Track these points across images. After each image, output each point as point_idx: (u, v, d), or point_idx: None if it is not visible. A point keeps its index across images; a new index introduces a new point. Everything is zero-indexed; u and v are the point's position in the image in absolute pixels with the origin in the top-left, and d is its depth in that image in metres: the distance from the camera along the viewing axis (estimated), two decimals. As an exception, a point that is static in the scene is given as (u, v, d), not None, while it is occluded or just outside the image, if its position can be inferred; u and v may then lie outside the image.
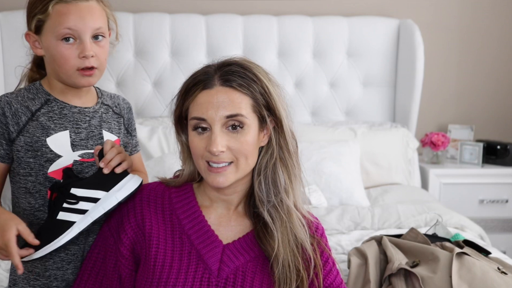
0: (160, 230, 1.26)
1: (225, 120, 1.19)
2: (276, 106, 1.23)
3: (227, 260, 1.25)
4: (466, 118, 3.37)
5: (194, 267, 1.23)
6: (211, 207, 1.30)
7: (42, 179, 1.31)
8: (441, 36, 3.29)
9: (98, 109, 1.39)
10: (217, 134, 1.18)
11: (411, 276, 1.51)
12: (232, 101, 1.19)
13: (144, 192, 1.30)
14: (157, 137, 2.73)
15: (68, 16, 1.28)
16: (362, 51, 3.06)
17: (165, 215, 1.27)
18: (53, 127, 1.32)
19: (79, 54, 1.29)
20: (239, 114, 1.19)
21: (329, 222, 2.29)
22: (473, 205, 3.03)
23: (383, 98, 3.12)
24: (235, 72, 1.21)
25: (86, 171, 1.34)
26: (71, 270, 1.34)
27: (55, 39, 1.29)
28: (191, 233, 1.26)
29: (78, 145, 1.33)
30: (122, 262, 1.26)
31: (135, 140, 1.49)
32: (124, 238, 1.26)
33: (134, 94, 2.93)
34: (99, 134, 1.37)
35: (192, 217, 1.27)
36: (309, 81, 3.04)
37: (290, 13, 3.06)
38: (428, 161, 3.18)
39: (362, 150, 2.82)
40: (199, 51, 2.95)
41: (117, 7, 2.94)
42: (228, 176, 1.22)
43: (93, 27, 1.30)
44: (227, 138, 1.20)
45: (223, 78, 1.20)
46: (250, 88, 1.20)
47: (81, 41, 1.29)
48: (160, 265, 1.23)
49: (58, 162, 1.31)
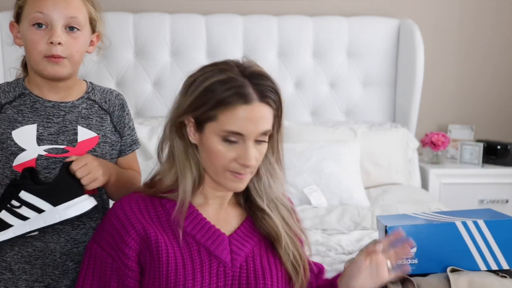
0: (164, 236, 1.25)
1: (260, 135, 1.24)
2: (282, 110, 1.28)
3: (237, 249, 1.29)
4: (466, 118, 3.37)
5: (208, 264, 1.25)
6: (207, 204, 1.31)
7: (8, 172, 1.31)
8: (441, 36, 3.29)
9: (78, 104, 1.36)
10: (252, 149, 1.22)
11: (407, 284, 1.51)
12: (267, 118, 1.24)
13: (133, 203, 1.27)
14: (157, 137, 2.71)
15: (42, 1, 1.27)
16: (362, 51, 3.06)
17: (162, 223, 1.26)
18: (21, 120, 1.31)
19: (47, 40, 1.27)
20: (268, 131, 1.25)
21: (329, 222, 2.28)
22: (473, 205, 3.03)
23: (383, 98, 3.12)
24: (268, 87, 1.23)
25: (52, 167, 1.31)
26: (39, 266, 1.34)
27: (28, 24, 1.28)
28: (194, 233, 1.26)
29: (45, 140, 1.31)
30: (129, 275, 1.24)
31: (130, 139, 1.46)
32: (129, 252, 1.23)
33: (134, 94, 2.93)
34: (73, 130, 1.34)
35: (191, 218, 1.27)
36: (309, 81, 3.04)
37: (290, 13, 3.06)
38: (428, 161, 3.18)
39: (362, 150, 2.82)
40: (199, 51, 2.95)
41: (117, 7, 2.95)
42: (246, 181, 1.28)
43: (66, 15, 1.28)
44: (255, 151, 1.24)
45: (260, 94, 1.22)
46: (276, 103, 1.25)
47: (51, 27, 1.28)
48: (173, 269, 1.22)
49: (21, 156, 1.30)
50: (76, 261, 1.36)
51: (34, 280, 1.34)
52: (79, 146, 1.34)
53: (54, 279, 1.35)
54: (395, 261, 1.35)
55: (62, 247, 1.34)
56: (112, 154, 1.41)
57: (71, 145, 1.33)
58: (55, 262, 1.34)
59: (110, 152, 1.40)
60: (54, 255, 1.34)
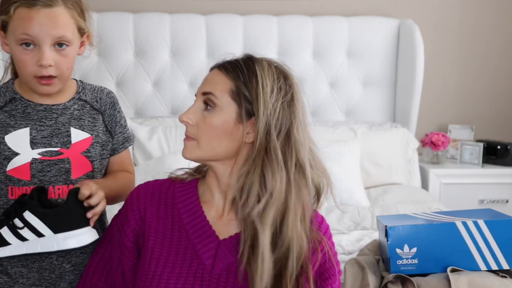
0: (159, 224, 1.26)
1: (202, 99, 1.23)
2: (257, 102, 1.18)
3: (221, 256, 1.23)
4: (466, 118, 3.37)
5: (189, 262, 1.23)
6: (213, 201, 1.28)
7: (2, 178, 1.30)
8: (441, 36, 3.29)
9: (70, 106, 1.35)
10: (191, 107, 1.23)
11: (407, 284, 1.51)
12: (212, 81, 1.23)
13: (150, 186, 1.31)
14: (157, 137, 2.73)
15: (28, 22, 1.22)
16: (362, 51, 3.06)
17: (166, 209, 1.28)
18: (13, 124, 1.30)
19: (36, 61, 1.24)
20: (211, 93, 1.21)
21: (329, 222, 2.27)
22: (473, 205, 3.03)
23: (383, 98, 3.12)
24: (235, 60, 1.24)
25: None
26: (36, 269, 1.33)
27: (15, 43, 1.25)
28: (188, 227, 1.26)
29: (39, 143, 1.31)
30: (126, 255, 1.27)
31: (122, 137, 1.43)
32: (127, 230, 1.27)
33: (134, 94, 2.93)
34: (66, 132, 1.33)
35: (191, 212, 1.27)
36: (309, 81, 3.04)
37: (290, 13, 3.06)
38: (428, 161, 3.17)
39: (362, 150, 2.82)
40: (199, 51, 2.94)
41: (117, 7, 2.95)
42: (188, 150, 1.24)
43: (53, 35, 1.24)
44: (200, 115, 1.22)
45: (224, 63, 1.24)
46: (235, 73, 1.21)
47: (39, 48, 1.24)
48: (156, 257, 1.24)
49: (15, 160, 1.29)
50: (73, 263, 1.36)
51: (31, 284, 1.34)
52: (73, 148, 1.33)
53: (51, 283, 1.35)
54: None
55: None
56: (102, 154, 1.39)
57: (65, 147, 1.33)
58: (52, 265, 1.34)
59: (101, 153, 1.39)
60: (51, 257, 1.34)
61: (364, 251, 1.81)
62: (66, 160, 1.32)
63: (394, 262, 1.54)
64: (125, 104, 2.92)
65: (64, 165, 1.32)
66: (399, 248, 1.54)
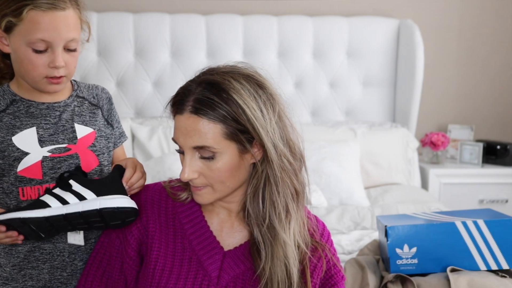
0: (162, 234, 1.25)
1: (194, 150, 1.16)
2: (255, 131, 1.14)
3: (227, 267, 1.22)
4: (466, 118, 3.37)
5: (194, 274, 1.22)
6: (214, 211, 1.27)
7: (13, 179, 1.30)
8: (441, 36, 3.29)
9: (70, 103, 1.36)
10: (187, 163, 1.16)
11: (407, 283, 1.51)
12: (198, 132, 1.13)
13: (149, 193, 1.29)
14: (157, 137, 2.73)
15: (42, 26, 1.23)
16: (362, 51, 3.06)
17: (168, 219, 1.26)
18: (19, 125, 1.30)
19: (49, 63, 1.26)
20: (205, 146, 1.14)
21: (329, 222, 2.28)
22: (473, 205, 3.03)
23: (383, 98, 3.13)
24: (208, 98, 1.13)
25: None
26: (47, 270, 1.33)
27: (25, 45, 1.25)
28: (192, 238, 1.24)
29: (46, 141, 1.31)
30: (129, 264, 1.25)
31: (118, 131, 1.46)
32: (131, 239, 1.25)
33: (134, 94, 2.93)
34: (70, 128, 1.34)
35: (194, 222, 1.26)
36: (309, 81, 3.04)
37: (290, 13, 3.06)
38: (428, 161, 3.18)
39: (362, 150, 2.82)
40: (199, 51, 2.95)
41: (117, 7, 2.95)
42: (204, 197, 1.20)
43: (67, 38, 1.25)
44: (200, 165, 1.16)
45: (194, 105, 1.14)
46: (216, 113, 1.13)
47: (52, 50, 1.25)
48: (160, 269, 1.22)
49: (26, 160, 1.29)
50: (85, 260, 1.36)
51: (41, 286, 1.33)
52: (79, 143, 1.35)
53: (63, 282, 1.34)
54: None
55: (70, 246, 1.34)
56: (109, 147, 1.41)
57: (72, 143, 1.34)
58: (64, 263, 1.34)
59: (107, 146, 1.40)
60: (63, 255, 1.33)
61: (364, 251, 1.81)
62: (75, 155, 1.33)
63: (394, 262, 1.55)
64: (125, 104, 2.92)
65: (74, 160, 1.33)
66: (399, 248, 1.54)
